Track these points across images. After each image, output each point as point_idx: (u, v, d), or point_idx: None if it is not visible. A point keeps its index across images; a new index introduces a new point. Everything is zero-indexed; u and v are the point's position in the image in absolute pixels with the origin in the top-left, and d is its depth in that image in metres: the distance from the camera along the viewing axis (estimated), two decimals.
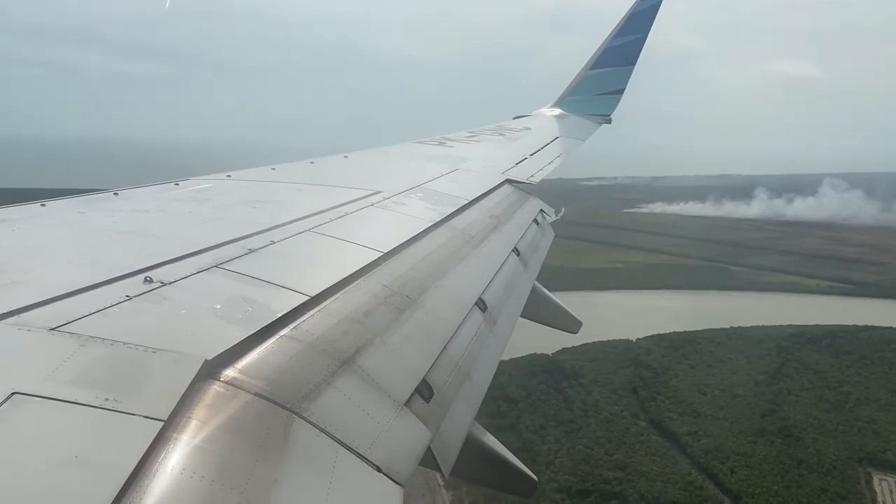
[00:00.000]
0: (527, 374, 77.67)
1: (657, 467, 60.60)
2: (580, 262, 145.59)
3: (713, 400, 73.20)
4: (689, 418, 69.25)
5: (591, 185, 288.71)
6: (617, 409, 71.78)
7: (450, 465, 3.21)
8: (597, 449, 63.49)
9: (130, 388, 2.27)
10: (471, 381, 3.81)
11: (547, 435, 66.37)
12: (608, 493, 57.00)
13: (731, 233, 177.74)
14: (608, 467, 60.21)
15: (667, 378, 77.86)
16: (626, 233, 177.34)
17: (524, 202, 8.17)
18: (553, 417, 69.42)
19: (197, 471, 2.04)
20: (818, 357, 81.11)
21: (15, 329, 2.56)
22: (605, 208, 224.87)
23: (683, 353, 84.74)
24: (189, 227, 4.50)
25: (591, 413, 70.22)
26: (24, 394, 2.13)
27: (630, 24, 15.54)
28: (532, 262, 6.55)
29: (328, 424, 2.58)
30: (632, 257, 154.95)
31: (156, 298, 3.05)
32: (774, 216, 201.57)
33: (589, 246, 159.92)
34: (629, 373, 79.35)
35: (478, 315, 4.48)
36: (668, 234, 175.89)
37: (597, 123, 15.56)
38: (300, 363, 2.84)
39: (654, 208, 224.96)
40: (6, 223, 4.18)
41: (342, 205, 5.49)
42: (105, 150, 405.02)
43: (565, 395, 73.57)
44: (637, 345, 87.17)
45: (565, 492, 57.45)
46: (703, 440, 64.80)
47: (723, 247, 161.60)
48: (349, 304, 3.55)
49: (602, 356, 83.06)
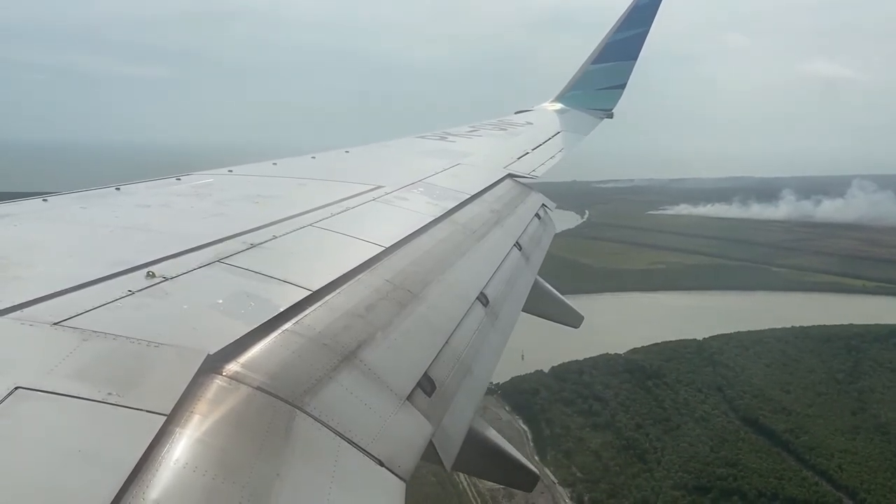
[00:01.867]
0: (607, 374, 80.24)
1: (766, 464, 62.01)
2: (621, 263, 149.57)
3: (799, 398, 74.98)
4: (782, 416, 70.82)
5: (608, 188, 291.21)
6: (707, 407, 73.54)
7: (452, 459, 3.21)
8: (700, 446, 65.06)
9: (133, 383, 2.27)
10: (473, 375, 3.81)
11: (647, 433, 68.14)
12: (726, 489, 58.34)
13: (762, 234, 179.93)
14: (718, 464, 61.64)
15: (747, 377, 79.89)
16: (657, 234, 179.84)
17: (526, 197, 8.16)
18: (648, 416, 71.34)
19: (200, 465, 2.04)
20: (891, 356, 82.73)
21: (18, 324, 2.56)
22: (628, 210, 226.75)
23: (755, 352, 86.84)
24: (191, 221, 4.50)
25: (684, 411, 72.20)
26: (28, 388, 2.14)
27: (632, 19, 15.48)
28: (534, 256, 6.55)
29: (330, 418, 2.59)
30: (671, 258, 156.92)
31: (158, 293, 3.05)
32: (802, 218, 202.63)
33: (625, 247, 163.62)
34: (709, 372, 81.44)
35: (480, 309, 4.48)
36: (700, 235, 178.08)
37: (598, 118, 15.51)
38: (302, 357, 2.85)
39: (679, 210, 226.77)
40: (8, 218, 4.19)
41: (344, 199, 5.49)
42: (108, 154, 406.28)
43: (653, 394, 75.67)
44: (706, 344, 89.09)
45: (682, 488, 59.10)
46: (802, 437, 66.17)
47: (758, 248, 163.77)
48: (351, 298, 3.55)
49: (676, 356, 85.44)
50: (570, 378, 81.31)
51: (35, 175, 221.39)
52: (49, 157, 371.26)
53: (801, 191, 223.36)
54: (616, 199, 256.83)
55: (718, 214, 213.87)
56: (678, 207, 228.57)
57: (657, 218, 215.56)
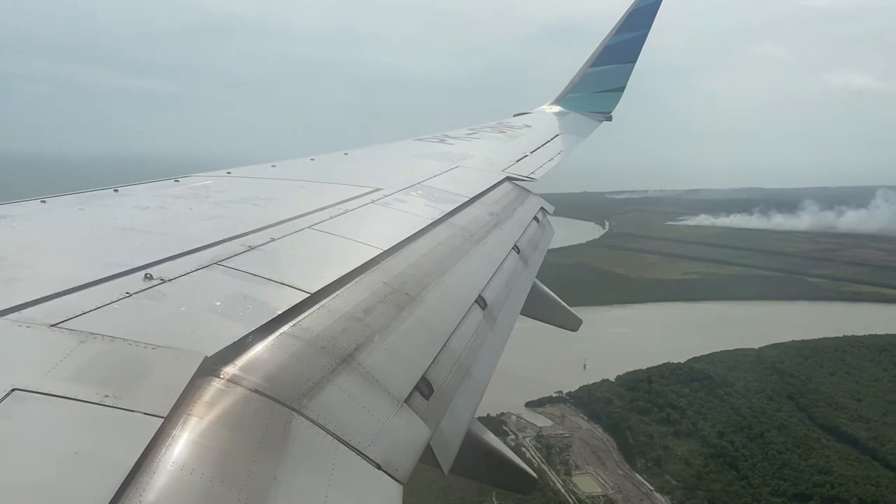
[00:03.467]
0: (675, 382, 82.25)
1: (858, 472, 63.38)
2: (656, 273, 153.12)
3: (871, 406, 76.89)
4: (862, 424, 72.49)
5: (621, 199, 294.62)
6: (783, 415, 75.27)
7: (449, 462, 3.21)
8: (788, 454, 66.37)
9: (130, 385, 2.27)
10: (471, 378, 3.81)
11: (731, 441, 69.32)
12: (827, 497, 59.47)
13: (787, 245, 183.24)
14: (811, 472, 62.94)
15: (815, 385, 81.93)
16: (684, 245, 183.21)
17: (524, 199, 8.16)
18: (728, 424, 72.60)
19: (197, 467, 2.04)
20: None
21: (15, 325, 2.56)
22: (647, 221, 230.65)
23: (816, 361, 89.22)
24: (189, 223, 4.50)
25: (763, 419, 73.58)
26: (24, 390, 2.13)
27: (631, 22, 15.50)
28: (532, 259, 6.55)
29: (328, 421, 2.59)
30: (704, 269, 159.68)
31: (156, 295, 3.05)
32: (825, 228, 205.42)
33: (655, 258, 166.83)
34: (775, 380, 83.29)
35: (478, 312, 4.47)
36: (727, 245, 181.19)
37: (597, 121, 15.52)
38: (300, 360, 2.85)
39: (700, 221, 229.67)
40: (7, 219, 4.18)
41: (342, 202, 5.49)
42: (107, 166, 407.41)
43: (728, 402, 77.41)
44: (765, 353, 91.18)
45: (782, 495, 60.33)
46: (887, 445, 67.85)
47: (787, 258, 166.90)
48: (349, 301, 3.55)
49: (738, 364, 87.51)
50: (640, 387, 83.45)
51: (34, 186, 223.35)
52: (49, 168, 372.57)
53: (824, 201, 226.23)
54: (633, 209, 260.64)
55: (740, 225, 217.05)
56: (698, 218, 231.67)
57: (678, 228, 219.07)
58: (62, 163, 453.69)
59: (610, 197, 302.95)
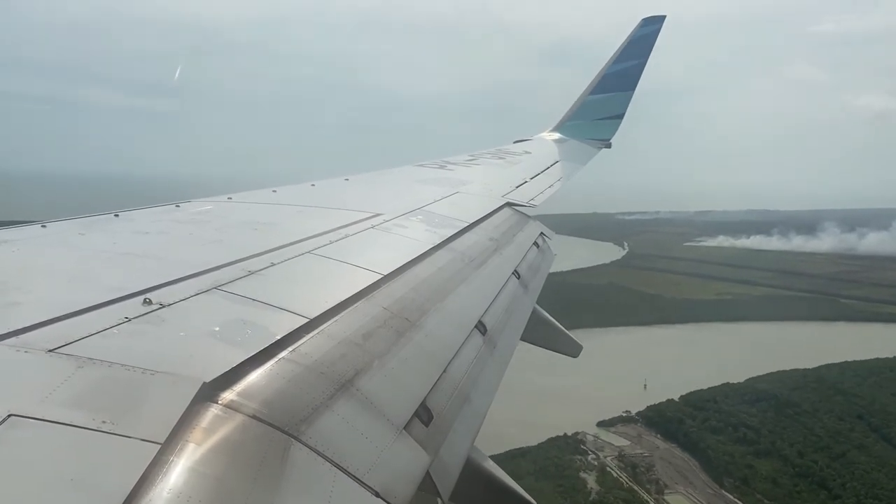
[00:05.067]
0: (741, 402, 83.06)
1: None
2: (688, 294, 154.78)
3: None
4: None
5: (632, 220, 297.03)
6: (858, 435, 75.84)
7: (449, 490, 3.17)
8: (875, 473, 67.27)
9: (128, 411, 2.25)
10: (471, 404, 3.78)
11: (814, 461, 69.85)
12: None
13: (810, 266, 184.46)
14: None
15: (881, 405, 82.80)
16: (708, 266, 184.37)
17: (524, 225, 8.18)
18: (806, 444, 73.23)
19: (194, 495, 2.02)
20: None
21: (13, 350, 2.55)
22: (664, 241, 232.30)
23: (875, 381, 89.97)
24: (189, 248, 4.50)
25: (840, 439, 74.28)
26: (21, 416, 2.12)
27: (629, 50, 15.69)
28: (532, 284, 6.54)
29: (326, 448, 2.56)
30: (735, 290, 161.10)
31: (155, 320, 3.04)
32: (846, 250, 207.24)
33: (682, 278, 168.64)
34: (840, 400, 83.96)
35: (478, 338, 4.46)
36: (750, 266, 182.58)
37: (597, 148, 15.63)
38: (299, 386, 2.83)
39: (719, 242, 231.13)
40: (7, 244, 4.19)
41: (342, 227, 5.50)
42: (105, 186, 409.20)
43: (799, 421, 78.05)
44: (822, 373, 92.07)
45: None
46: None
47: (814, 279, 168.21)
48: (348, 326, 3.54)
49: (799, 384, 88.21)
50: (707, 406, 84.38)
51: (33, 205, 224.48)
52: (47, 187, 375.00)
53: (843, 223, 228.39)
54: (647, 230, 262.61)
55: (758, 246, 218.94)
56: (717, 239, 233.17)
57: (697, 249, 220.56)
58: (60, 182, 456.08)
59: (620, 218, 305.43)
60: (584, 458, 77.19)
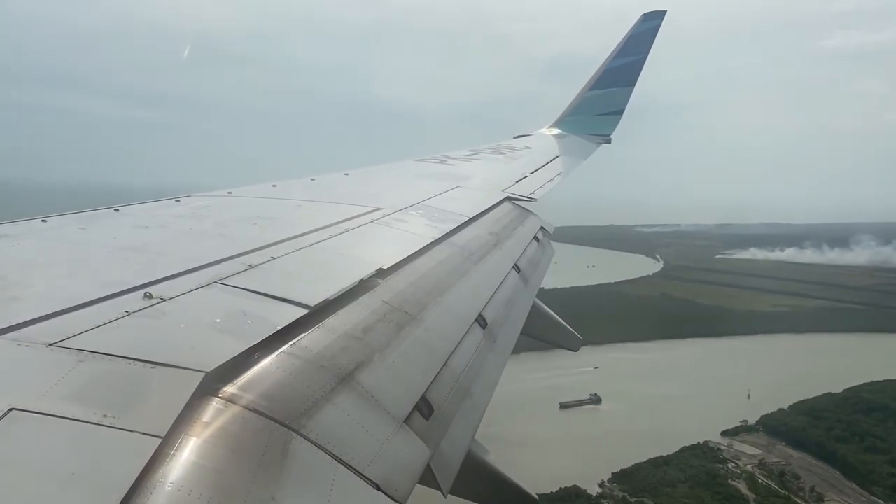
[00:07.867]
0: (854, 412, 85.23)
1: None
2: (743, 305, 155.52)
3: None
4: None
5: (652, 232, 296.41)
6: None
7: (449, 483, 3.18)
8: None
9: (129, 404, 2.26)
10: (471, 398, 3.79)
11: None
12: None
13: (850, 279, 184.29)
14: None
15: None
16: (750, 278, 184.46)
17: (524, 219, 8.18)
18: None
19: (195, 488, 2.02)
20: None
21: (14, 344, 2.55)
22: (694, 254, 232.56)
23: None
24: (190, 243, 4.50)
25: None
26: (22, 410, 2.12)
27: (629, 46, 15.66)
28: (532, 278, 6.54)
29: (327, 441, 2.56)
30: (790, 301, 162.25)
31: (155, 314, 3.04)
32: (880, 263, 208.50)
33: (732, 290, 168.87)
34: None
35: (478, 332, 4.46)
36: (793, 279, 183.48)
37: (596, 143, 15.61)
38: (299, 379, 2.83)
39: (753, 254, 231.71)
40: (7, 238, 4.19)
41: (343, 221, 5.50)
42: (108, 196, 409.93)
43: None
44: None
45: None
46: None
47: (860, 291, 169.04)
48: (349, 320, 3.54)
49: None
50: (822, 416, 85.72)
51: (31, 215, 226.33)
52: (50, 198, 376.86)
53: (880, 237, 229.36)
54: (673, 243, 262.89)
55: (792, 259, 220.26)
56: (749, 252, 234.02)
57: (731, 262, 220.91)
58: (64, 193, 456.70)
59: (638, 230, 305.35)
60: (724, 465, 78.32)
